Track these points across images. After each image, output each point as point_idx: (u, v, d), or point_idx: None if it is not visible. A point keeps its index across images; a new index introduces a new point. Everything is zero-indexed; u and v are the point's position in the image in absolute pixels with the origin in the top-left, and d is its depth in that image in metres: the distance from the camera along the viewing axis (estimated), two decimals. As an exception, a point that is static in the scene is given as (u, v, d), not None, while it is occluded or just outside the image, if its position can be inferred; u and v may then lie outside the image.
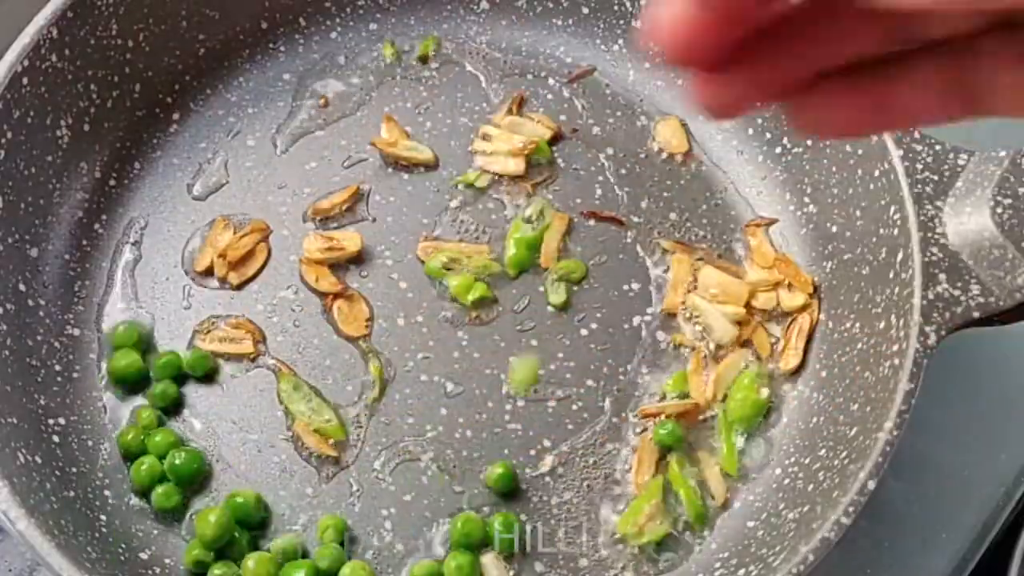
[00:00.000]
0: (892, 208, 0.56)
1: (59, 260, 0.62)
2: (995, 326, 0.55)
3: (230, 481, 0.58)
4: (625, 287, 0.63)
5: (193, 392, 0.60)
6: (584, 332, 0.62)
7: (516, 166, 0.66)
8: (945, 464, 0.63)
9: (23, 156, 0.60)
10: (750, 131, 0.66)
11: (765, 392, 0.59)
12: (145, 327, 0.61)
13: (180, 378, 0.60)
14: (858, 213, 0.60)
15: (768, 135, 0.66)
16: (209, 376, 0.60)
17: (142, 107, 0.66)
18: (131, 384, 0.60)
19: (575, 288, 0.63)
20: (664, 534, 0.56)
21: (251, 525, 0.56)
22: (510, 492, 0.58)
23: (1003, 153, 0.55)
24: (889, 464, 0.51)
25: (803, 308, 0.61)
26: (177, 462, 0.56)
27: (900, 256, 0.55)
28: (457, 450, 0.59)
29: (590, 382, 0.61)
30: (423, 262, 0.63)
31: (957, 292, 0.53)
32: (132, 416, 0.59)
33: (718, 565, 0.55)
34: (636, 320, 0.62)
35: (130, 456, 0.57)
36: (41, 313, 0.60)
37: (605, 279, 0.64)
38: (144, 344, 0.61)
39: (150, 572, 0.55)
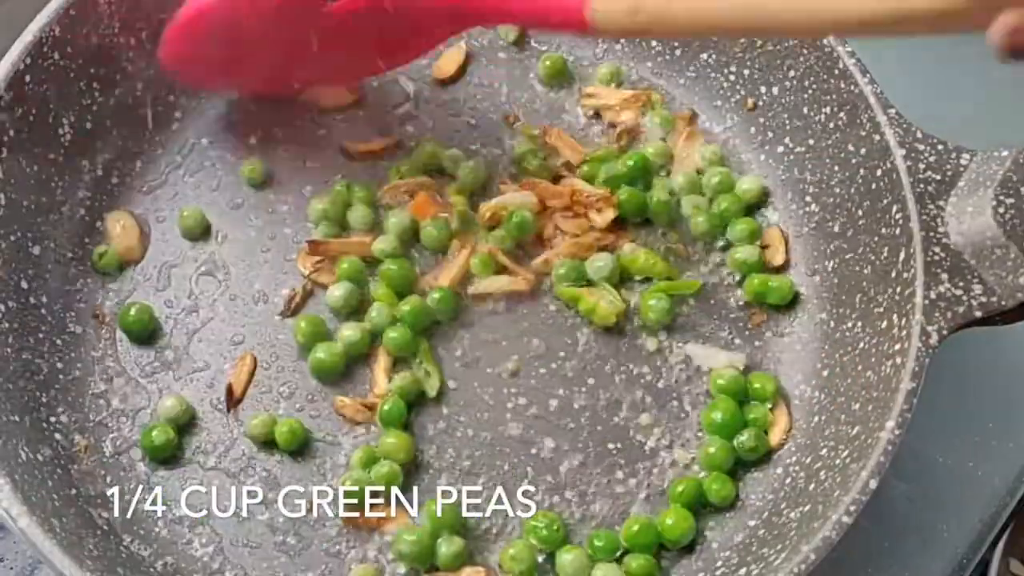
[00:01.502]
0: (894, 207, 0.56)
1: (61, 258, 0.62)
2: (997, 326, 0.55)
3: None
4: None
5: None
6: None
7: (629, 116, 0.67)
8: (947, 464, 0.64)
9: (26, 154, 0.60)
10: (752, 130, 0.66)
11: None
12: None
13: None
14: (860, 212, 0.60)
15: (770, 134, 0.66)
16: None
17: (144, 105, 0.66)
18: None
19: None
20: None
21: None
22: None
23: (1005, 153, 0.55)
24: (891, 463, 0.51)
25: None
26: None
27: (902, 255, 0.55)
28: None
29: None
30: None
31: (959, 292, 0.53)
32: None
33: (719, 564, 0.55)
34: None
35: None
36: (43, 311, 0.60)
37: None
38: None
39: (151, 570, 0.55)
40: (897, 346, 0.54)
